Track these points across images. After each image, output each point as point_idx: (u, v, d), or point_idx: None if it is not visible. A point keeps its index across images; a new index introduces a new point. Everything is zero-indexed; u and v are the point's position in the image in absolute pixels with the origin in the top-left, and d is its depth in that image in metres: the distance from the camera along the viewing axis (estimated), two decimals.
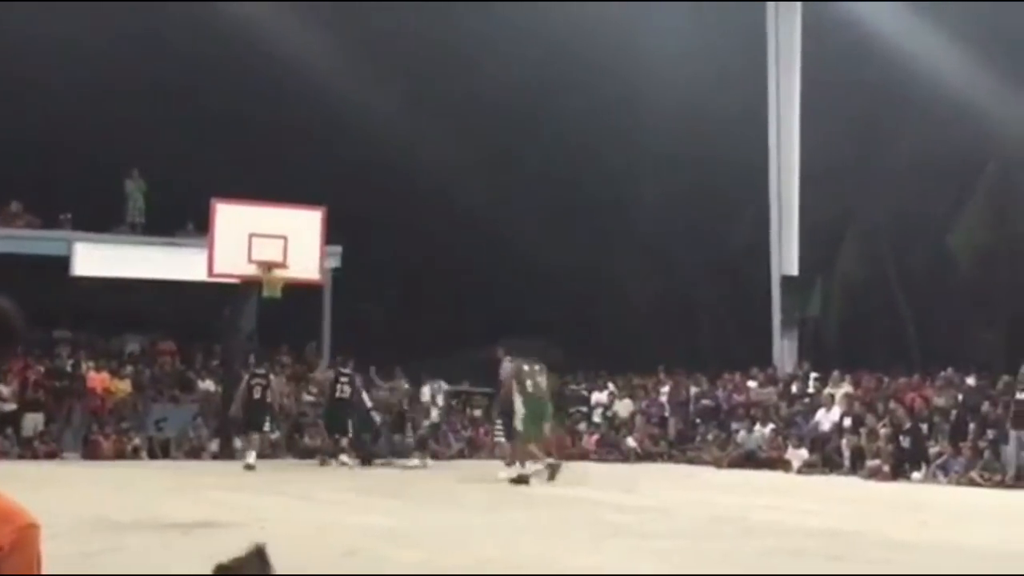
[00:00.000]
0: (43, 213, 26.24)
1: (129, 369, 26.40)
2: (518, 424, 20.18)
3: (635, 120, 32.54)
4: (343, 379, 23.76)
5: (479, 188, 32.37)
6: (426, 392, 25.14)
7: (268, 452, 23.91)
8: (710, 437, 27.22)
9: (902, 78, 29.39)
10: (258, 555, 2.61)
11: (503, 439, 21.57)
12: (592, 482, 20.78)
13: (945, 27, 28.05)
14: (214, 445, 24.89)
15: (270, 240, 22.85)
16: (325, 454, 23.78)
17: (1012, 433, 21.54)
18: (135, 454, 24.22)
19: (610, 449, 26.83)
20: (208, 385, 26.54)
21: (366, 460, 23.50)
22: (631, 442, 27.20)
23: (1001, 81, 27.22)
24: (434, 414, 25.00)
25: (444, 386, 25.61)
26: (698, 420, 28.12)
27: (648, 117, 32.29)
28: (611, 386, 28.75)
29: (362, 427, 24.01)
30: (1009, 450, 21.59)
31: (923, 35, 28.46)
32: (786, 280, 30.56)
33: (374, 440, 24.38)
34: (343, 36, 30.66)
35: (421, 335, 28.00)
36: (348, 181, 28.98)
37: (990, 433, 22.22)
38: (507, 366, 20.85)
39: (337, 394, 23.69)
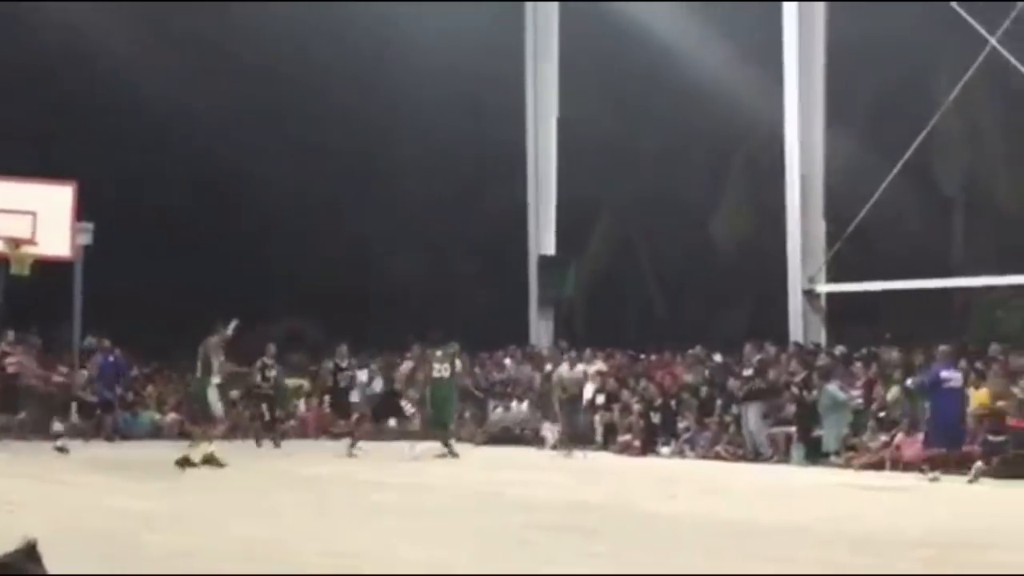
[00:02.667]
0: None
1: None
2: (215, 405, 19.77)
3: (398, 100, 32.44)
4: None
5: (245, 168, 31.75)
6: None
7: (17, 434, 23.25)
8: (467, 414, 27.51)
9: (657, 65, 30.11)
10: (27, 552, 2.55)
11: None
12: (355, 461, 20.83)
13: (698, 17, 28.90)
14: None
15: (17, 216, 21.97)
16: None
17: (744, 408, 22.60)
18: None
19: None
20: None
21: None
22: (391, 421, 27.26)
23: (754, 69, 28.16)
24: None
25: None
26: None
27: (410, 97, 32.22)
28: (372, 365, 28.71)
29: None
30: (746, 425, 22.61)
31: (678, 25, 29.22)
32: (543, 260, 31.12)
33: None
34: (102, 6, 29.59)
35: (176, 314, 27.40)
36: (103, 157, 28.10)
37: (735, 408, 23.14)
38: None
39: None
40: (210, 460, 18.38)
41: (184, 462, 18.24)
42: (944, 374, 18.66)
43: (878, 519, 13.66)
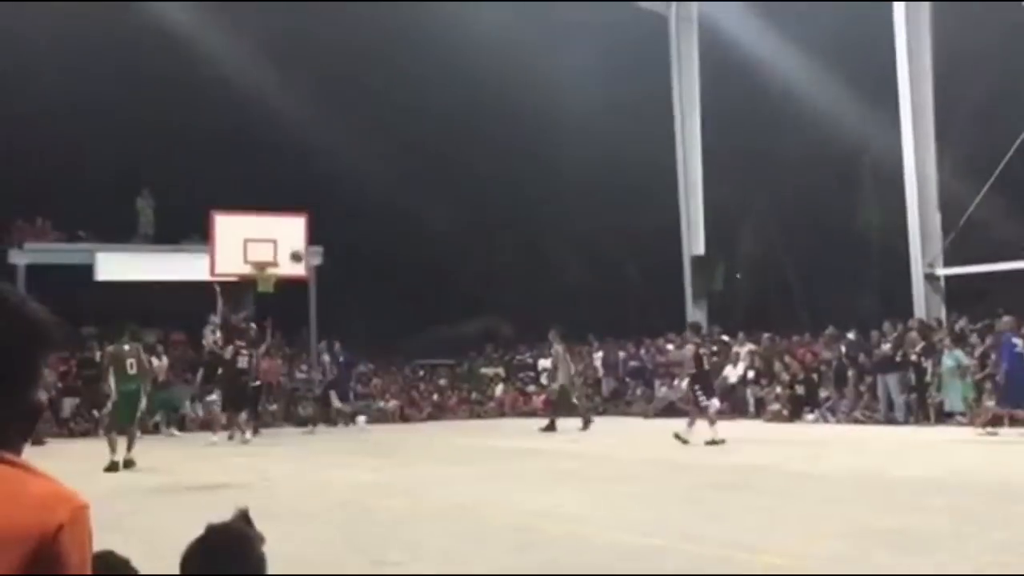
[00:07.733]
0: (65, 228, 26.20)
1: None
2: (108, 407, 16.49)
3: (559, 132, 32.28)
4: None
5: (434, 200, 32.05)
6: None
7: (269, 422, 24.05)
8: (638, 392, 27.41)
9: (781, 87, 29.51)
10: (243, 517, 2.60)
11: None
12: (541, 436, 20.81)
13: (815, 48, 28.31)
14: (223, 418, 24.72)
15: (262, 243, 22.63)
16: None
17: (879, 378, 21.94)
18: (155, 429, 24.10)
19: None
20: None
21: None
22: (574, 400, 27.25)
23: (865, 89, 27.43)
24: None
25: None
26: (627, 379, 28.34)
27: (570, 127, 32.00)
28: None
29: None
30: (879, 392, 21.96)
31: (796, 55, 28.73)
32: (695, 259, 30.75)
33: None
34: (305, 71, 30.03)
35: (393, 319, 27.90)
36: (327, 192, 28.74)
37: (868, 379, 22.50)
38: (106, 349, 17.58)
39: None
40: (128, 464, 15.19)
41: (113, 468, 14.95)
42: (1015, 339, 18.27)
43: (1002, 470, 13.08)
